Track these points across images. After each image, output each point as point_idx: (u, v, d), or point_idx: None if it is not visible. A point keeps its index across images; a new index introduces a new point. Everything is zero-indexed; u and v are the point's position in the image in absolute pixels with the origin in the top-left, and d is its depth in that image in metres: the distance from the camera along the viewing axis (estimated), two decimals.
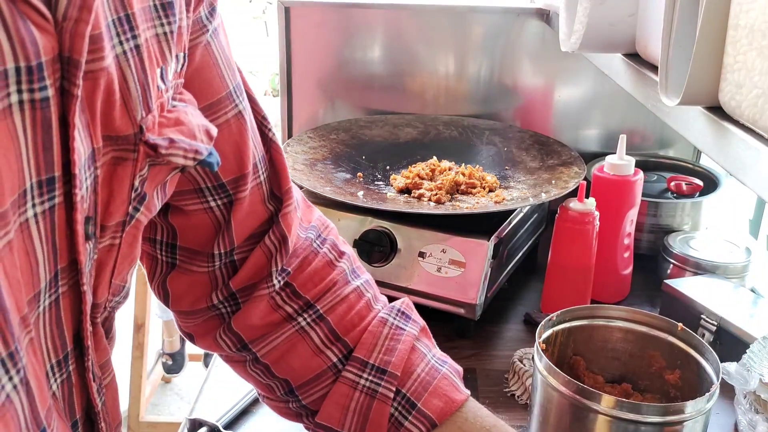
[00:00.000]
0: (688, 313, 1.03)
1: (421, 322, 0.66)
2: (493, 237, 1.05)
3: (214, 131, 0.51)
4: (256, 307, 0.61)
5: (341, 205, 1.09)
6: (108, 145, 0.42)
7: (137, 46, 0.43)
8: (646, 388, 0.85)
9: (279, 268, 0.61)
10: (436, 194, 1.14)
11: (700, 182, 1.31)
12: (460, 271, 1.04)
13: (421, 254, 1.06)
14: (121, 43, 0.41)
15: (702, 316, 1.02)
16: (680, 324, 0.81)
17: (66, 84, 0.37)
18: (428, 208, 1.11)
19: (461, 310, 1.05)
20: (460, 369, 0.65)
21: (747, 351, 0.86)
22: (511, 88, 1.47)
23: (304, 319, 0.61)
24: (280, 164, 0.62)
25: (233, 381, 0.97)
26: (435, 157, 1.26)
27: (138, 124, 0.43)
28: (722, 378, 0.75)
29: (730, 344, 0.96)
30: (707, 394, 0.70)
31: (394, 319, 0.63)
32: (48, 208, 0.38)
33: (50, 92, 0.36)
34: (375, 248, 1.08)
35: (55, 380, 0.43)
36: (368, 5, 1.44)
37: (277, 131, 0.72)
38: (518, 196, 1.16)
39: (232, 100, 0.57)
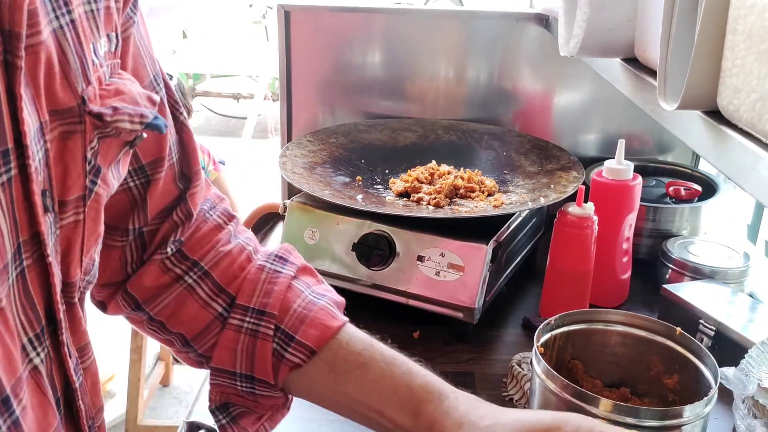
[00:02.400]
0: (686, 317, 1.03)
1: (300, 262, 0.70)
2: (491, 241, 1.05)
3: (157, 98, 0.53)
4: (148, 270, 0.65)
5: (340, 208, 1.09)
6: (55, 119, 0.44)
7: (72, 21, 0.44)
8: (645, 393, 0.85)
9: (175, 238, 0.66)
10: (435, 198, 1.14)
11: (698, 187, 1.32)
12: (459, 275, 1.04)
13: (420, 258, 1.06)
14: (57, 17, 0.43)
15: (700, 320, 1.02)
16: (678, 329, 0.81)
17: (9, 57, 0.39)
18: (427, 212, 1.11)
19: (460, 314, 1.05)
20: (341, 300, 0.70)
21: (745, 356, 0.86)
22: (511, 92, 1.47)
23: (191, 276, 0.65)
24: (190, 146, 0.66)
25: None
26: (434, 161, 1.26)
27: (80, 95, 0.44)
28: (720, 383, 0.75)
29: (729, 349, 0.96)
30: (705, 398, 0.70)
31: (272, 264, 0.67)
32: (6, 180, 0.40)
33: None
34: (374, 252, 1.08)
35: (37, 354, 0.45)
36: (368, 10, 1.45)
37: (277, 135, 0.74)
38: (517, 201, 1.16)
39: (153, 88, 0.60)
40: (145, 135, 0.53)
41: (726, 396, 0.85)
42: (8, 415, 0.40)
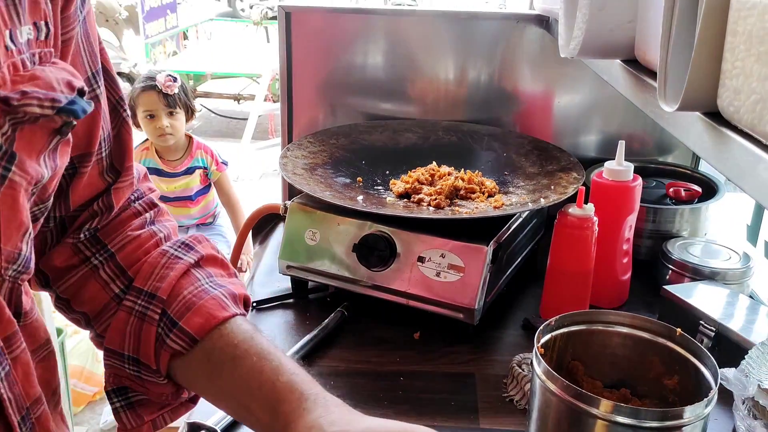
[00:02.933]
0: (686, 318, 1.03)
1: (207, 252, 0.70)
2: (492, 242, 1.05)
3: (78, 83, 0.52)
4: (59, 252, 0.66)
5: (341, 209, 1.09)
6: None
7: None
8: (645, 394, 0.85)
9: (92, 226, 0.66)
10: (436, 199, 1.14)
11: (698, 188, 1.32)
12: (459, 275, 1.05)
13: (421, 259, 1.07)
14: None
15: (700, 321, 1.02)
16: (679, 329, 0.81)
17: None
18: (427, 213, 1.11)
19: (460, 315, 1.05)
20: (240, 293, 0.68)
21: (745, 357, 0.86)
22: (511, 93, 1.47)
23: (96, 258, 0.66)
24: (126, 143, 0.66)
25: None
26: (434, 162, 1.26)
27: None
28: (720, 383, 0.75)
29: (729, 350, 0.96)
30: (705, 399, 0.70)
31: (175, 250, 0.67)
32: None
33: None
34: (374, 253, 1.09)
35: None
36: (368, 11, 1.45)
37: (278, 136, 0.74)
38: (517, 202, 1.16)
39: (90, 86, 0.60)
40: (74, 123, 0.52)
41: (726, 397, 0.86)
42: None
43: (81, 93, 0.52)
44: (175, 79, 2.42)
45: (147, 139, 2.55)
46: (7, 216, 0.48)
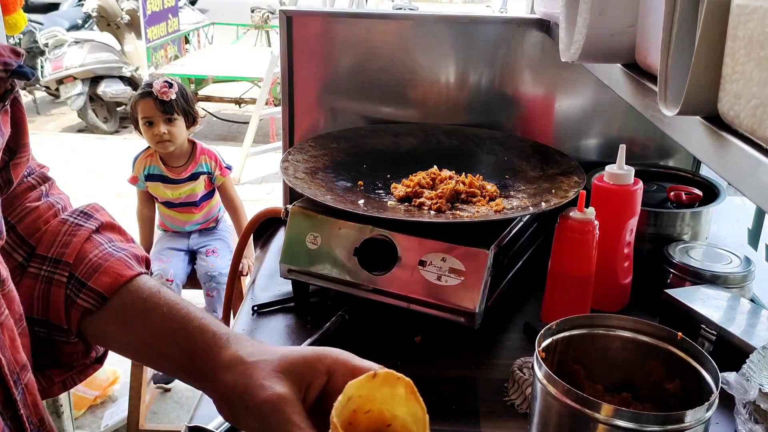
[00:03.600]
0: (687, 322, 1.03)
1: (105, 219, 0.73)
2: (493, 246, 1.05)
3: (21, 51, 0.55)
4: None
5: (342, 213, 1.10)
6: None
7: None
8: (646, 398, 0.85)
9: None
10: (437, 203, 1.14)
11: (699, 192, 1.32)
12: (460, 279, 1.05)
13: (422, 263, 1.07)
14: None
15: (702, 325, 1.02)
16: (680, 333, 0.81)
17: None
18: (429, 216, 1.12)
19: (461, 319, 1.05)
20: (142, 254, 0.72)
21: (746, 361, 0.86)
22: (512, 97, 1.48)
23: None
24: (21, 121, 0.66)
25: None
26: (435, 166, 1.26)
27: None
28: (722, 387, 0.75)
29: (730, 354, 0.96)
30: (706, 403, 0.70)
31: (75, 218, 0.70)
32: None
33: None
34: (375, 256, 1.09)
35: None
36: (369, 15, 1.45)
37: (279, 139, 0.74)
38: (518, 205, 1.16)
39: None
40: (16, 90, 0.55)
41: (727, 401, 0.86)
42: None
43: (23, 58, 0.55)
44: (171, 85, 2.40)
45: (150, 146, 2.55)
46: None
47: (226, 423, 0.90)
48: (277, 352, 0.60)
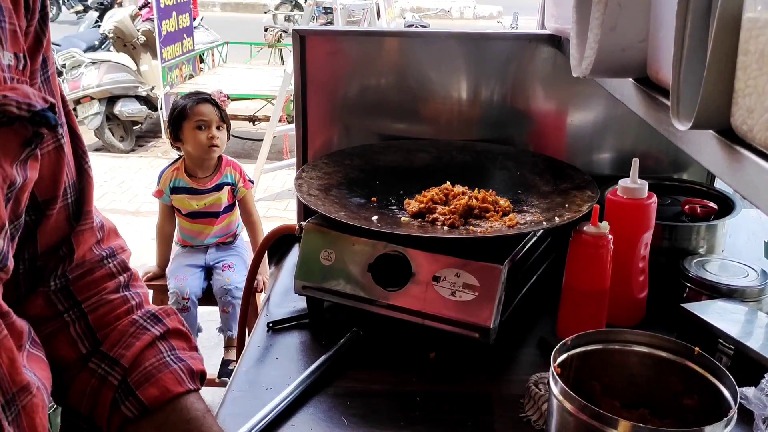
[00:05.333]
0: (704, 337, 1.02)
1: (173, 325, 0.74)
2: (506, 261, 1.05)
3: (51, 99, 0.58)
4: (33, 301, 0.68)
5: (356, 229, 1.10)
6: None
7: None
8: (664, 414, 0.84)
9: (58, 273, 0.69)
10: (450, 218, 1.14)
11: (714, 205, 1.31)
12: (475, 295, 1.04)
13: (436, 278, 1.07)
14: None
15: (719, 340, 1.01)
16: (697, 348, 0.80)
17: None
18: (442, 232, 1.12)
19: (476, 334, 1.05)
20: (198, 369, 0.73)
21: (765, 375, 0.85)
22: (524, 112, 1.48)
23: (69, 315, 0.69)
24: (87, 191, 0.70)
25: (248, 407, 0.97)
26: (448, 182, 1.26)
27: None
28: (740, 403, 0.74)
29: (748, 369, 0.95)
30: (725, 419, 0.69)
31: (144, 321, 0.71)
32: None
33: None
34: (389, 272, 1.09)
35: None
36: (381, 33, 1.46)
37: (292, 156, 0.75)
38: (532, 220, 1.16)
39: (54, 135, 0.64)
40: (44, 135, 0.57)
41: (746, 416, 0.84)
42: None
43: (52, 109, 0.57)
44: (228, 96, 2.58)
45: (177, 160, 2.60)
46: None
47: None
48: None
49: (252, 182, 2.70)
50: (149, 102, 6.00)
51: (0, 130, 0.53)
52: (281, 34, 6.97)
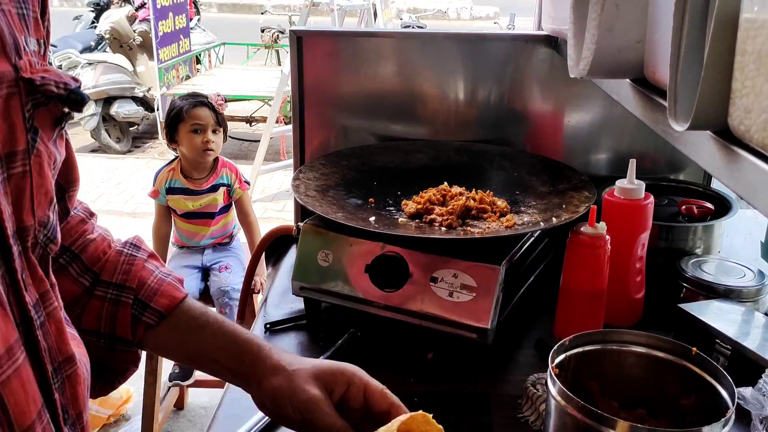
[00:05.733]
0: (702, 337, 1.03)
1: (149, 250, 0.87)
2: (504, 261, 1.05)
3: (80, 80, 0.62)
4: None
5: (353, 230, 1.10)
6: (2, 81, 0.53)
7: (8, 11, 0.55)
8: (662, 414, 0.84)
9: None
10: (448, 219, 1.14)
11: (711, 206, 1.31)
12: (472, 295, 1.04)
13: (433, 279, 1.07)
14: None
15: (716, 340, 1.01)
16: (694, 348, 0.81)
17: None
18: (439, 233, 1.12)
19: (473, 335, 1.05)
20: (181, 278, 0.87)
21: (762, 375, 0.86)
22: (521, 113, 1.48)
23: (63, 259, 0.80)
24: (72, 158, 0.74)
25: (246, 408, 0.97)
26: (446, 183, 1.26)
27: (13, 64, 0.54)
28: (738, 403, 0.74)
29: (745, 369, 0.95)
30: (723, 419, 0.70)
31: (128, 250, 0.85)
32: None
33: None
34: (387, 273, 1.09)
35: None
36: (378, 34, 1.46)
37: (290, 157, 0.77)
38: (529, 221, 1.16)
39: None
40: (72, 115, 0.63)
41: (743, 416, 0.85)
42: None
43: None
44: (225, 99, 2.55)
45: (173, 160, 2.60)
46: (38, 182, 0.57)
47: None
48: (310, 362, 0.79)
49: (248, 183, 2.70)
50: (146, 103, 5.99)
51: (39, 110, 0.57)
52: (278, 35, 6.96)
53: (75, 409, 0.62)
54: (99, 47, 6.55)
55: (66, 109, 0.61)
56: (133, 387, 2.64)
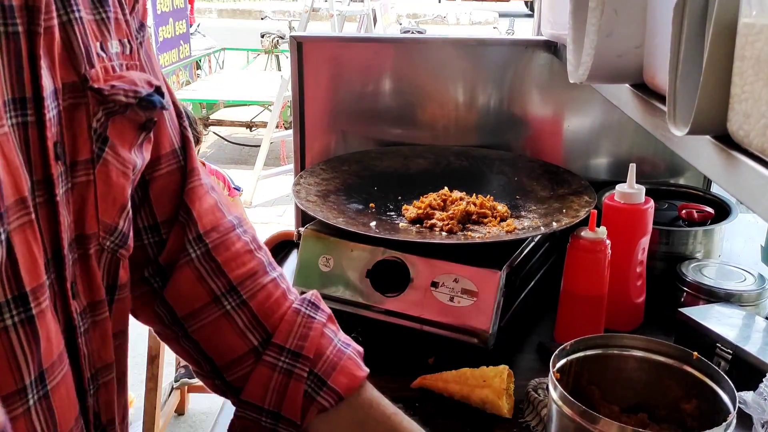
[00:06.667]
0: (702, 341, 1.03)
1: (328, 311, 0.76)
2: (505, 266, 1.05)
3: (156, 82, 0.61)
4: (180, 275, 0.69)
5: (354, 235, 1.10)
6: (66, 91, 0.53)
7: (79, 18, 0.54)
8: (663, 418, 0.84)
9: (190, 237, 0.70)
10: (448, 224, 1.14)
11: (711, 210, 1.31)
12: (473, 300, 1.05)
13: (434, 284, 1.07)
14: (66, 13, 0.53)
15: (717, 344, 1.01)
16: (695, 353, 0.81)
17: (32, 27, 0.48)
18: (440, 238, 1.12)
19: (474, 340, 1.05)
20: (361, 350, 0.75)
21: (763, 380, 0.86)
22: (521, 118, 1.48)
23: (229, 303, 0.70)
24: (189, 153, 0.72)
25: None
26: (446, 188, 1.26)
27: (82, 74, 0.54)
28: (739, 407, 0.74)
29: (746, 373, 0.95)
30: (724, 423, 0.70)
31: (306, 309, 0.73)
32: (21, 123, 0.48)
33: (20, 29, 0.48)
34: (388, 278, 1.09)
35: (48, 278, 0.51)
36: (378, 39, 1.47)
37: (290, 162, 0.77)
38: (529, 226, 1.16)
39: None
40: (155, 119, 0.62)
41: (745, 421, 0.85)
42: (24, 311, 0.47)
43: (158, 91, 0.60)
44: (188, 115, 2.46)
45: None
46: (103, 191, 0.56)
47: None
48: None
49: (239, 189, 2.66)
50: None
51: (116, 119, 0.57)
52: (278, 41, 6.98)
53: (106, 415, 0.61)
54: None
55: (150, 114, 0.60)
56: (134, 392, 2.64)
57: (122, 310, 0.63)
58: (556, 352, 0.81)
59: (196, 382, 2.65)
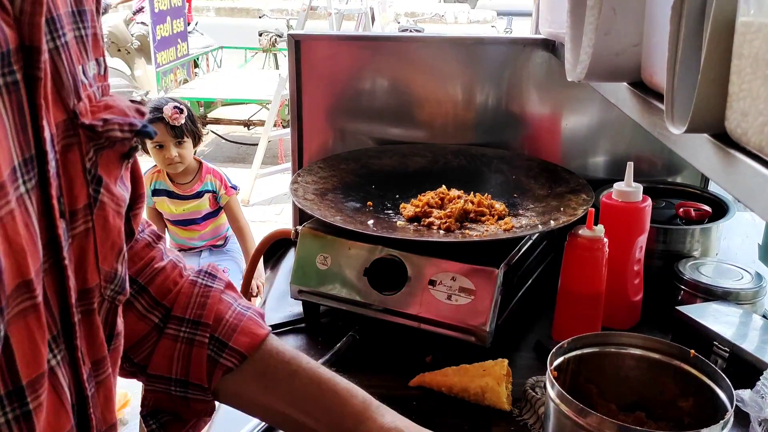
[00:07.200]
0: (700, 339, 1.03)
1: (226, 279, 0.76)
2: (502, 264, 1.05)
3: (143, 109, 0.56)
4: None
5: (351, 234, 1.10)
6: (59, 132, 0.47)
7: (66, 43, 0.48)
8: (660, 416, 0.85)
9: None
10: (446, 222, 1.14)
11: (708, 208, 1.31)
12: (470, 298, 1.05)
13: (431, 282, 1.07)
14: (53, 39, 0.46)
15: (714, 342, 1.01)
16: (692, 351, 0.81)
17: (30, 71, 0.42)
18: (438, 236, 1.12)
19: (472, 338, 1.05)
20: (263, 312, 0.76)
21: (761, 378, 0.86)
22: (519, 116, 1.48)
23: (130, 292, 0.68)
24: (138, 173, 0.69)
25: (242, 416, 0.97)
26: (444, 186, 1.27)
27: (71, 110, 0.48)
28: (736, 405, 0.74)
29: (744, 371, 0.96)
30: (721, 421, 0.70)
31: (203, 279, 0.74)
32: (27, 189, 0.43)
33: (18, 77, 0.41)
34: (385, 277, 1.09)
35: (54, 356, 0.47)
36: (376, 38, 1.47)
37: (287, 161, 0.76)
38: (527, 224, 1.16)
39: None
40: (138, 146, 0.57)
41: (742, 419, 0.85)
42: (19, 406, 0.43)
43: (143, 115, 0.56)
44: (181, 111, 2.43)
45: None
46: (101, 236, 0.52)
47: None
48: (418, 428, 0.69)
49: (235, 188, 2.65)
50: None
51: (103, 153, 0.51)
52: (276, 39, 6.97)
53: None
54: None
55: (135, 143, 0.55)
56: (130, 391, 2.64)
57: (117, 361, 0.59)
58: (554, 350, 0.81)
59: None
